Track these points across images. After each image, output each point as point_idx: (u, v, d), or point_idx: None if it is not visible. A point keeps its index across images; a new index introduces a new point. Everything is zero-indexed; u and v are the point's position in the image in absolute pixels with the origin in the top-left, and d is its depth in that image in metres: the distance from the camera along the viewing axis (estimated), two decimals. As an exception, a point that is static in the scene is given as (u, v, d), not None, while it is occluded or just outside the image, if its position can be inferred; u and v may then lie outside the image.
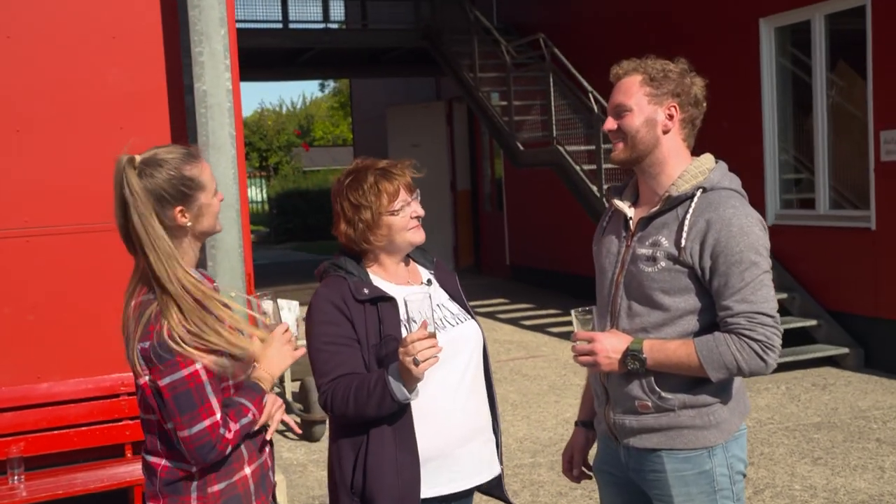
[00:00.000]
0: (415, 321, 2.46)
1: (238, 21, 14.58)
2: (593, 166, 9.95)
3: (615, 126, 2.70)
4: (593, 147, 10.00)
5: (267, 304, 2.54)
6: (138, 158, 2.35)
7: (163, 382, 2.25)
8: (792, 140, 9.44)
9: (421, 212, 2.73)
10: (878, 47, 8.08)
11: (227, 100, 4.77)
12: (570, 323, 2.68)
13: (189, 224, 2.38)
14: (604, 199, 2.84)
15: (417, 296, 2.48)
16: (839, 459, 5.84)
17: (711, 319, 2.63)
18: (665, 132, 2.68)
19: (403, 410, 2.58)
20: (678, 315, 2.63)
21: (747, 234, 2.57)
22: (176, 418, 2.25)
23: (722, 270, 2.56)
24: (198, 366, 2.25)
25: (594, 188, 9.83)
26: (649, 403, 2.66)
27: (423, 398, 2.60)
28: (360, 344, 2.62)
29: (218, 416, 2.27)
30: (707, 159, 2.74)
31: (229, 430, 2.29)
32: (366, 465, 2.58)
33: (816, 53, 8.77)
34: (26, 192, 4.90)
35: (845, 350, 8.32)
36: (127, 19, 5.06)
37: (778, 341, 2.56)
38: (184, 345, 2.23)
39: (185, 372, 2.24)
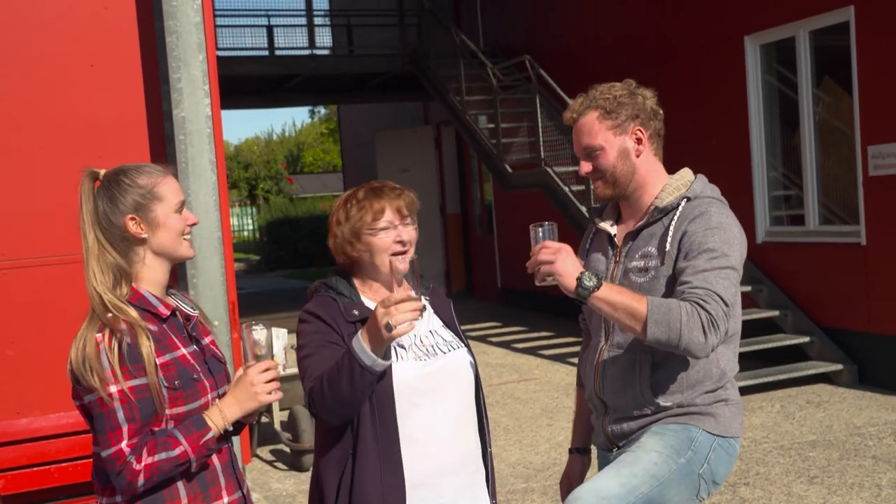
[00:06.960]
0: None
1: (224, 49, 14.71)
2: (582, 187, 9.91)
3: (591, 168, 2.76)
4: (581, 168, 9.94)
5: (259, 334, 2.36)
6: (102, 172, 2.35)
7: (85, 401, 2.24)
8: (780, 157, 9.41)
9: (406, 237, 2.64)
10: (864, 62, 8.06)
11: (207, 126, 4.70)
12: (561, 345, 2.64)
13: (145, 236, 2.33)
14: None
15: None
16: (836, 478, 5.76)
17: None
18: (638, 156, 2.74)
19: (390, 430, 2.50)
20: None
21: (725, 230, 2.61)
22: (95, 439, 2.25)
23: (692, 255, 2.58)
24: (112, 389, 2.19)
25: (583, 209, 9.78)
26: (648, 412, 2.70)
27: (410, 424, 2.54)
28: None
29: (124, 444, 2.19)
30: (686, 173, 2.81)
31: (139, 461, 2.19)
32: (351, 489, 2.51)
33: (802, 70, 8.76)
34: (2, 223, 4.82)
35: (839, 366, 8.23)
36: (104, 47, 4.99)
37: (724, 326, 2.53)
38: (90, 370, 2.19)
39: (97, 395, 2.20)
